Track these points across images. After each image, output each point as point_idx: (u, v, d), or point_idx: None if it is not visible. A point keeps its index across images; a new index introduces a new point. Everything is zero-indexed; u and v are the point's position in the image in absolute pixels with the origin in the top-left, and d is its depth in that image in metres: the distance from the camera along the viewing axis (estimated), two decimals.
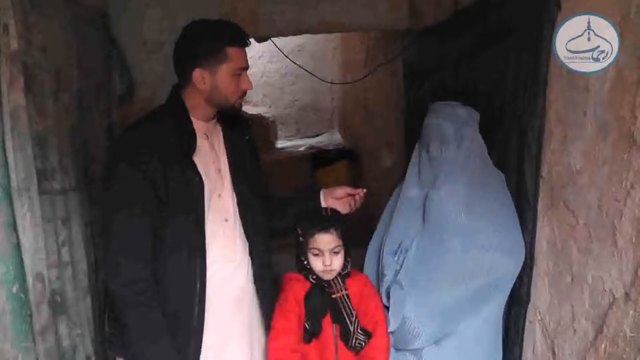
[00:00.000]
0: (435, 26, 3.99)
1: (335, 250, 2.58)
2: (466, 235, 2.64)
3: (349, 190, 2.81)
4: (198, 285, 2.44)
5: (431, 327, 2.68)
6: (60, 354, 2.77)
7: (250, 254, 2.63)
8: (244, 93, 2.52)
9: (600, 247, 2.21)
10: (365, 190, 2.79)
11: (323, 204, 2.78)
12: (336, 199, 2.79)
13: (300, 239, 2.63)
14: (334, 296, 2.63)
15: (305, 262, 2.63)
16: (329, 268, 2.58)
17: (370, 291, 2.74)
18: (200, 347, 2.47)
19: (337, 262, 2.60)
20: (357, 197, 2.79)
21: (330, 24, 4.44)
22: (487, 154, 2.84)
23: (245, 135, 2.70)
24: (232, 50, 2.41)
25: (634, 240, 2.01)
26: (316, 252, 2.59)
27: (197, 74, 2.43)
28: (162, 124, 2.46)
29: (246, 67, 2.48)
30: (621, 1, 2.07)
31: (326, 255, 2.57)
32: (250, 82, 2.51)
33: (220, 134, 2.63)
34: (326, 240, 2.57)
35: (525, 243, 2.70)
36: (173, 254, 2.41)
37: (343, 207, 2.77)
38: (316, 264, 2.59)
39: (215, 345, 2.53)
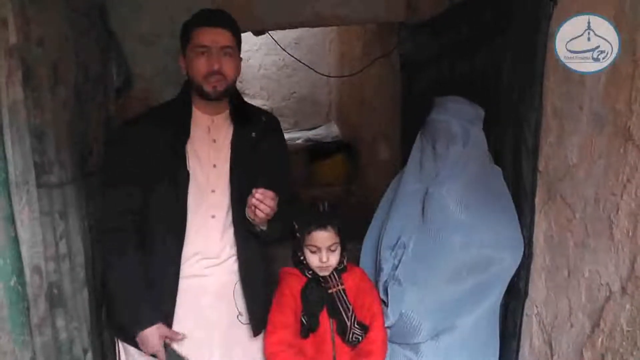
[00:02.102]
0: (432, 19, 3.99)
1: (332, 247, 2.58)
2: (466, 231, 2.65)
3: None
4: (172, 274, 2.50)
5: (430, 321, 2.69)
6: (57, 347, 2.77)
7: (238, 251, 2.61)
8: (210, 73, 2.45)
9: (597, 241, 2.22)
10: (256, 192, 2.38)
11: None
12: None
13: (297, 234, 2.63)
14: (330, 291, 2.63)
15: (302, 258, 2.63)
16: (325, 265, 2.58)
17: (367, 285, 2.75)
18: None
19: (334, 259, 2.60)
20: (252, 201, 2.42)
21: (327, 17, 4.44)
22: (487, 150, 2.85)
23: (252, 132, 2.64)
24: (194, 31, 2.46)
25: (630, 234, 2.01)
26: (313, 249, 2.58)
27: (180, 61, 2.54)
28: (161, 113, 2.58)
29: (207, 45, 2.43)
30: None
31: (323, 252, 2.56)
32: (212, 63, 2.43)
33: (230, 130, 2.61)
34: (323, 238, 2.57)
35: (523, 237, 2.71)
36: (155, 240, 2.49)
37: (251, 213, 2.45)
38: (312, 260, 2.59)
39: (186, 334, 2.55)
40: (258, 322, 2.64)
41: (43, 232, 2.64)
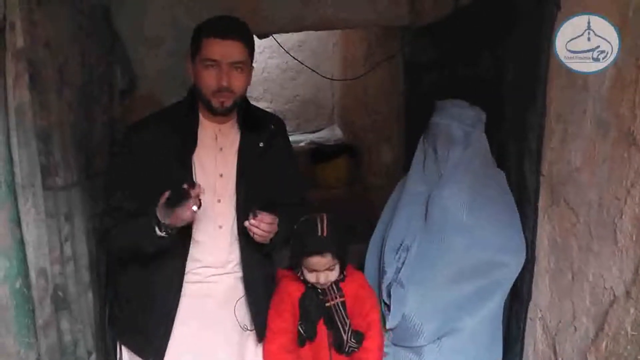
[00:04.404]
0: (436, 23, 4.00)
1: (330, 267, 2.55)
2: (468, 235, 2.66)
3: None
4: (176, 282, 2.46)
5: (433, 324, 2.70)
6: (61, 349, 2.78)
7: (243, 261, 2.55)
8: (219, 89, 2.35)
9: (601, 245, 2.22)
10: (252, 218, 2.38)
11: None
12: None
13: (294, 255, 2.61)
14: (327, 304, 2.62)
15: (300, 275, 2.62)
16: (323, 282, 2.58)
17: (366, 293, 2.73)
18: (169, 336, 2.48)
19: (333, 276, 2.58)
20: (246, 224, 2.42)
21: (331, 21, 4.44)
22: (490, 153, 2.85)
23: (260, 142, 2.55)
24: (205, 41, 2.34)
25: (634, 239, 2.02)
26: (310, 269, 2.56)
27: (187, 65, 2.45)
28: (168, 119, 2.50)
29: (217, 60, 2.33)
30: (620, 1, 2.07)
31: (321, 274, 2.55)
32: (221, 79, 2.34)
33: (237, 138, 2.54)
34: (321, 263, 2.53)
35: (526, 240, 2.71)
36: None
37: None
38: (310, 277, 2.57)
39: (189, 343, 2.52)
40: (263, 330, 2.62)
41: (48, 234, 2.65)
